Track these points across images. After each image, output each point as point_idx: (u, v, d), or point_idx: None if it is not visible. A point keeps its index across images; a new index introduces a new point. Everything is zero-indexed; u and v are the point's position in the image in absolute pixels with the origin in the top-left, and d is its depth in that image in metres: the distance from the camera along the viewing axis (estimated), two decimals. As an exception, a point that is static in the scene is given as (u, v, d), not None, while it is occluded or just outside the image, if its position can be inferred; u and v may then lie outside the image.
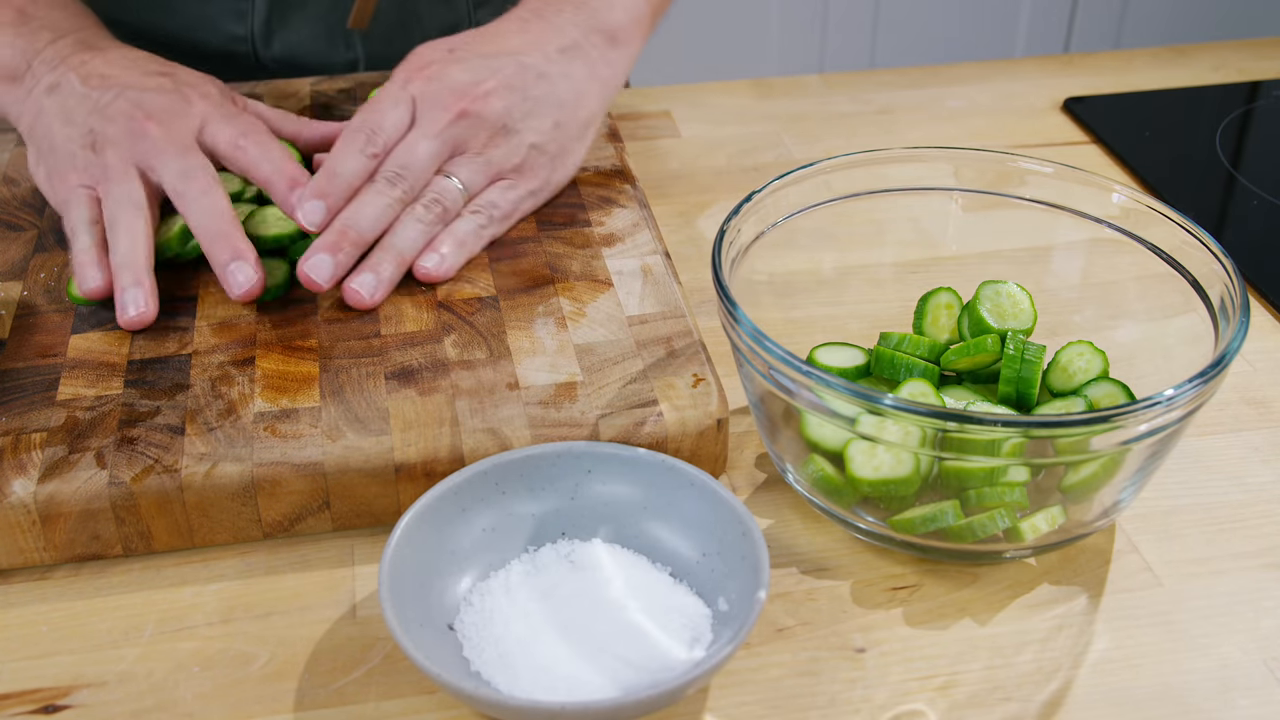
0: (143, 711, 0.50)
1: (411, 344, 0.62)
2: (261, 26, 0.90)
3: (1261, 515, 0.59)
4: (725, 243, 0.58)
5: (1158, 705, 0.50)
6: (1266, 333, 0.71)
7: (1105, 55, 1.04)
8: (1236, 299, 0.54)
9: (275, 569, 0.56)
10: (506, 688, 0.48)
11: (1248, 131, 0.92)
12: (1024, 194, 0.64)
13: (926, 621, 0.53)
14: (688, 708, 0.50)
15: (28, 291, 0.66)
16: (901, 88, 0.98)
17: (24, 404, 0.58)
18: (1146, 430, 0.49)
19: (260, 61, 0.92)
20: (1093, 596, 0.55)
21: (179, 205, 0.65)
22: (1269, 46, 1.05)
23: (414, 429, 0.56)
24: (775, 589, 0.55)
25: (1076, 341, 0.61)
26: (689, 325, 0.63)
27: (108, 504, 0.54)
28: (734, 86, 0.98)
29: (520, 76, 0.70)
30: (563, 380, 0.59)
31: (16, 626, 0.53)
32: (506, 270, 0.67)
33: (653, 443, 0.57)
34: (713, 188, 0.84)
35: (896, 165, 0.65)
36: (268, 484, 0.55)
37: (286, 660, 0.52)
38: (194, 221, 0.65)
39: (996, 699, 0.50)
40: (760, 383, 0.54)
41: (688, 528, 0.54)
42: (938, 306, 0.63)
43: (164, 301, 0.64)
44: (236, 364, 0.60)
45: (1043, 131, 0.92)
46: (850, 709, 0.50)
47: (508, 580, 0.52)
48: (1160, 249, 0.60)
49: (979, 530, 0.52)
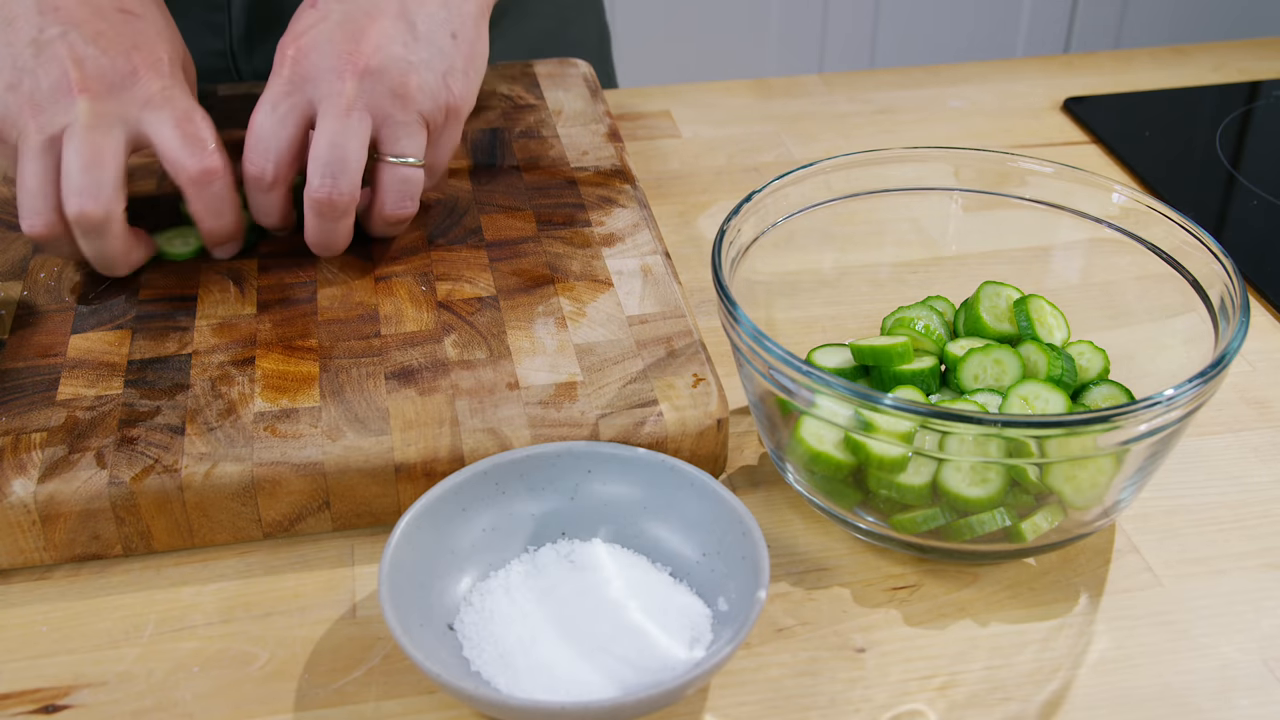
0: (143, 711, 0.50)
1: (411, 344, 0.62)
2: (241, 41, 0.89)
3: (1261, 515, 0.59)
4: (725, 243, 0.58)
5: (1158, 705, 0.50)
6: (1266, 333, 0.71)
7: (1105, 55, 1.04)
8: (1236, 299, 0.54)
9: (275, 569, 0.56)
10: (506, 688, 0.48)
11: (1248, 131, 0.92)
12: (1024, 194, 0.64)
13: (926, 621, 0.53)
14: (688, 708, 0.50)
15: (28, 291, 0.66)
16: (901, 88, 0.98)
17: (24, 404, 0.58)
18: (1146, 430, 0.49)
19: (240, 76, 0.90)
20: (1093, 596, 0.55)
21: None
22: (1269, 46, 1.05)
23: (414, 429, 0.57)
24: (775, 589, 0.55)
25: (1077, 341, 0.61)
26: (689, 325, 0.63)
27: (108, 504, 0.54)
28: (734, 86, 0.98)
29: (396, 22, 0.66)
30: (563, 380, 0.59)
31: (16, 626, 0.53)
32: (506, 270, 0.67)
33: (653, 443, 0.57)
34: (713, 188, 0.84)
35: (896, 165, 0.65)
36: (268, 484, 0.55)
37: (286, 660, 0.52)
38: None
39: (996, 699, 0.50)
40: (760, 383, 0.54)
41: (688, 528, 0.54)
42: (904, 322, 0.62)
43: (164, 301, 0.64)
44: (236, 364, 0.60)
45: (1043, 131, 0.92)
46: (850, 709, 0.50)
47: (508, 580, 0.52)
48: (1160, 249, 0.60)
49: (977, 528, 0.53)
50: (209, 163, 0.64)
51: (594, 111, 0.83)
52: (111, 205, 0.62)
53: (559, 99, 0.85)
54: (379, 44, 0.65)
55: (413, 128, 0.66)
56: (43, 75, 0.62)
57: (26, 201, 0.62)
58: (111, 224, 0.63)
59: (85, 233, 0.63)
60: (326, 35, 0.65)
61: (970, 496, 0.53)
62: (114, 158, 0.62)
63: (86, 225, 0.62)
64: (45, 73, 0.62)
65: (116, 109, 0.63)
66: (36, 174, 0.62)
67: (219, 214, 0.65)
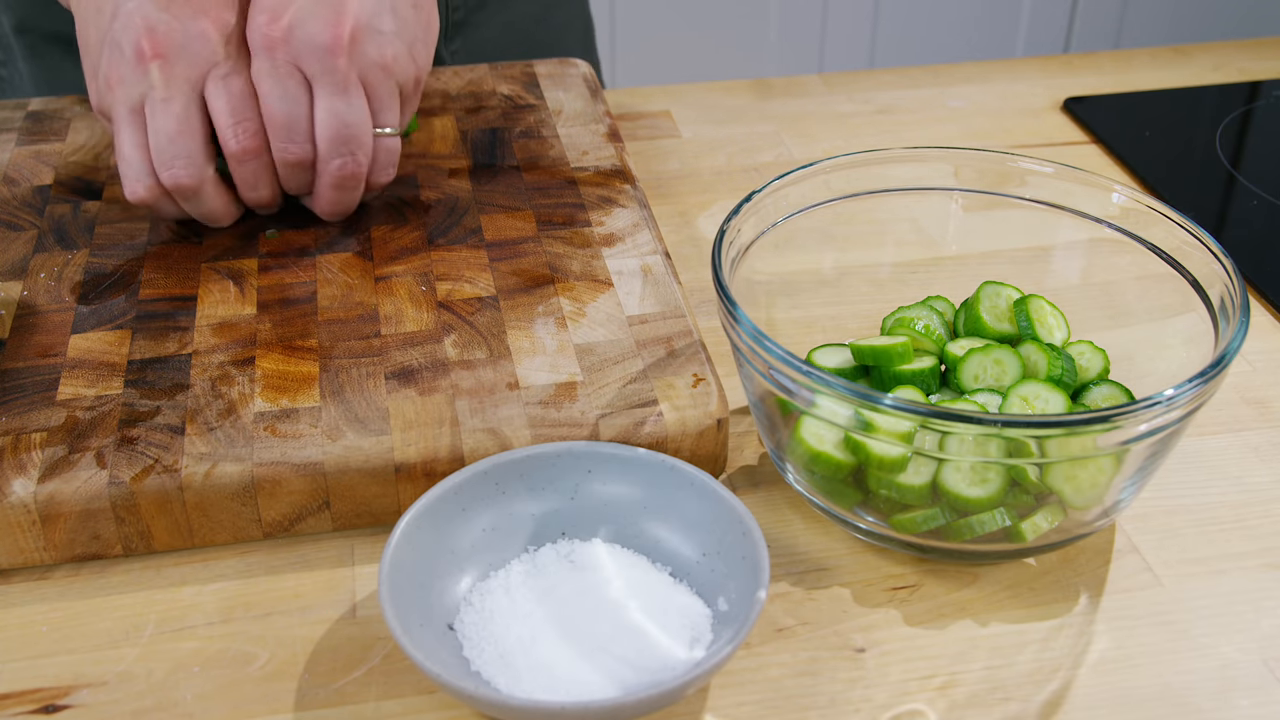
0: (143, 711, 0.50)
1: (411, 344, 0.62)
2: None
3: (1261, 515, 0.59)
4: (725, 243, 0.58)
5: (1158, 705, 0.50)
6: (1266, 333, 0.71)
7: (1105, 55, 1.04)
8: (1236, 299, 0.54)
9: (275, 569, 0.56)
10: (506, 688, 0.48)
11: (1248, 131, 0.92)
12: (1024, 194, 0.64)
13: (926, 621, 0.53)
14: (688, 708, 0.50)
15: (28, 291, 0.66)
16: (901, 88, 0.98)
17: (24, 404, 0.58)
18: (1146, 430, 0.49)
19: None
20: (1093, 596, 0.55)
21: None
22: (1269, 46, 1.05)
23: (414, 429, 0.57)
24: (775, 589, 0.55)
25: (1077, 341, 0.61)
26: (689, 325, 0.63)
27: (108, 504, 0.54)
28: (734, 86, 0.98)
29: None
30: (563, 380, 0.59)
31: (16, 626, 0.53)
32: (506, 270, 0.67)
33: (653, 443, 0.57)
34: (713, 188, 0.84)
35: (896, 165, 0.65)
36: (268, 484, 0.55)
37: (286, 660, 0.52)
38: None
39: (996, 699, 0.50)
40: (760, 383, 0.54)
41: (687, 527, 0.54)
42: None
43: (164, 301, 0.64)
44: (236, 364, 0.60)
45: (1043, 131, 0.92)
46: (850, 709, 0.50)
47: (508, 580, 0.52)
48: (1160, 249, 0.60)
49: (977, 528, 0.53)
50: (248, 144, 0.67)
51: (594, 111, 0.83)
52: (202, 170, 0.67)
53: (559, 99, 0.85)
54: (359, 17, 0.67)
55: (392, 99, 0.69)
56: (125, 45, 0.65)
57: (126, 170, 0.67)
58: (205, 186, 0.67)
59: (184, 197, 0.67)
60: (309, 11, 0.66)
61: (970, 496, 0.53)
62: (197, 124, 0.66)
63: (183, 192, 0.67)
64: (126, 42, 0.65)
65: (186, 72, 0.65)
66: (129, 144, 0.66)
67: (255, 187, 0.69)
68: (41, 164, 0.77)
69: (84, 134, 0.80)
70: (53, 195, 0.74)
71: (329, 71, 0.66)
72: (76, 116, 0.82)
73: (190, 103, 0.66)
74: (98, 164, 0.77)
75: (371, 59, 0.67)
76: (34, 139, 0.80)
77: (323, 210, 0.70)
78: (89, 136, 0.80)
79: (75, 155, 0.78)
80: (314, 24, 0.66)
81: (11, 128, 0.81)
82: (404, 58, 0.69)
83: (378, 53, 0.67)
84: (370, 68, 0.67)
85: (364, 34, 0.67)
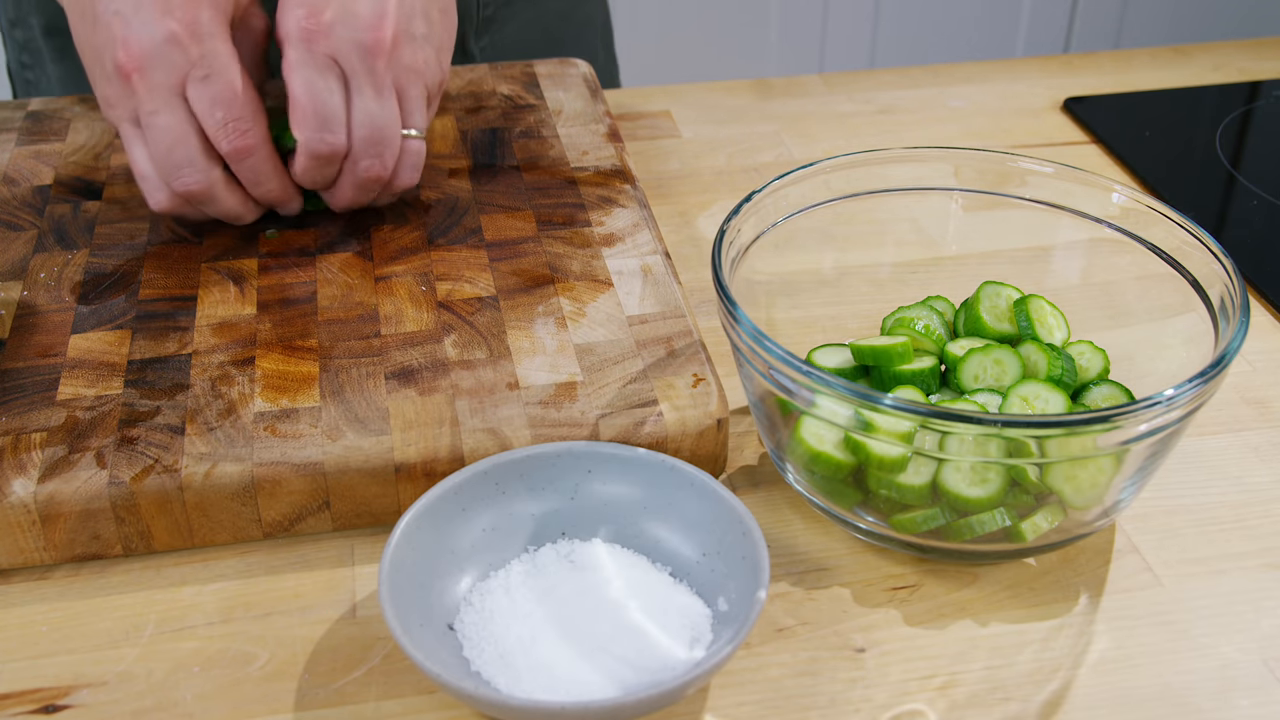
0: (143, 711, 0.50)
1: (411, 344, 0.62)
2: None
3: (1261, 515, 0.59)
4: (725, 243, 0.58)
5: (1158, 705, 0.50)
6: (1266, 333, 0.71)
7: (1105, 55, 1.04)
8: (1236, 299, 0.54)
9: (275, 569, 0.56)
10: (506, 688, 0.48)
11: (1248, 131, 0.92)
12: (1024, 194, 0.64)
13: (926, 621, 0.53)
14: (688, 708, 0.50)
15: (28, 291, 0.66)
16: (901, 88, 0.98)
17: (24, 404, 0.58)
18: (1146, 430, 0.49)
19: None
20: (1093, 596, 0.55)
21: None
22: (1269, 46, 1.05)
23: (414, 429, 0.57)
24: (775, 589, 0.55)
25: (1077, 341, 0.61)
26: (689, 325, 0.63)
27: (108, 504, 0.54)
28: (734, 86, 0.98)
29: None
30: (563, 380, 0.59)
31: (16, 626, 0.53)
32: (506, 270, 0.67)
33: (653, 443, 0.57)
34: (713, 188, 0.84)
35: (896, 165, 0.65)
36: (268, 484, 0.55)
37: (286, 660, 0.52)
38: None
39: (996, 699, 0.50)
40: (760, 383, 0.54)
41: (687, 527, 0.54)
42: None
43: (164, 301, 0.64)
44: (236, 364, 0.60)
45: (1043, 131, 0.92)
46: (850, 709, 0.50)
47: (508, 580, 0.52)
48: (1160, 249, 0.60)
49: (977, 528, 0.53)
50: (239, 143, 0.66)
51: (594, 111, 0.83)
52: (208, 174, 0.66)
53: (559, 99, 0.85)
54: (397, 20, 0.67)
55: (420, 102, 0.69)
56: (106, 60, 0.65)
57: (143, 185, 0.67)
58: (215, 188, 0.67)
59: (200, 202, 0.68)
60: (351, 10, 0.66)
61: (970, 496, 0.53)
62: (190, 130, 0.66)
63: (196, 198, 0.67)
64: (107, 58, 0.65)
65: (164, 80, 0.65)
66: (140, 158, 0.67)
67: (259, 183, 0.68)
68: (41, 164, 0.77)
69: (84, 134, 0.80)
70: (53, 195, 0.74)
71: (369, 72, 0.66)
72: (76, 116, 0.82)
73: (176, 110, 0.65)
74: (98, 164, 0.77)
75: (406, 63, 0.67)
76: (34, 139, 0.80)
77: (340, 205, 0.70)
78: (89, 136, 0.80)
79: (75, 155, 0.78)
80: (357, 23, 0.66)
81: (11, 128, 0.81)
82: (433, 62, 0.69)
83: (411, 57, 0.67)
84: (404, 71, 0.67)
85: (402, 38, 0.67)
